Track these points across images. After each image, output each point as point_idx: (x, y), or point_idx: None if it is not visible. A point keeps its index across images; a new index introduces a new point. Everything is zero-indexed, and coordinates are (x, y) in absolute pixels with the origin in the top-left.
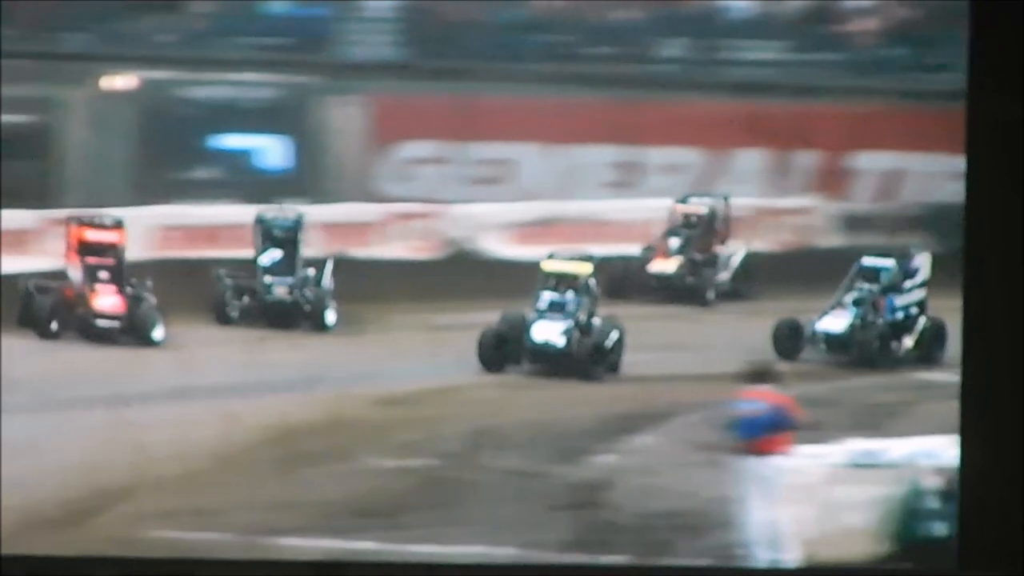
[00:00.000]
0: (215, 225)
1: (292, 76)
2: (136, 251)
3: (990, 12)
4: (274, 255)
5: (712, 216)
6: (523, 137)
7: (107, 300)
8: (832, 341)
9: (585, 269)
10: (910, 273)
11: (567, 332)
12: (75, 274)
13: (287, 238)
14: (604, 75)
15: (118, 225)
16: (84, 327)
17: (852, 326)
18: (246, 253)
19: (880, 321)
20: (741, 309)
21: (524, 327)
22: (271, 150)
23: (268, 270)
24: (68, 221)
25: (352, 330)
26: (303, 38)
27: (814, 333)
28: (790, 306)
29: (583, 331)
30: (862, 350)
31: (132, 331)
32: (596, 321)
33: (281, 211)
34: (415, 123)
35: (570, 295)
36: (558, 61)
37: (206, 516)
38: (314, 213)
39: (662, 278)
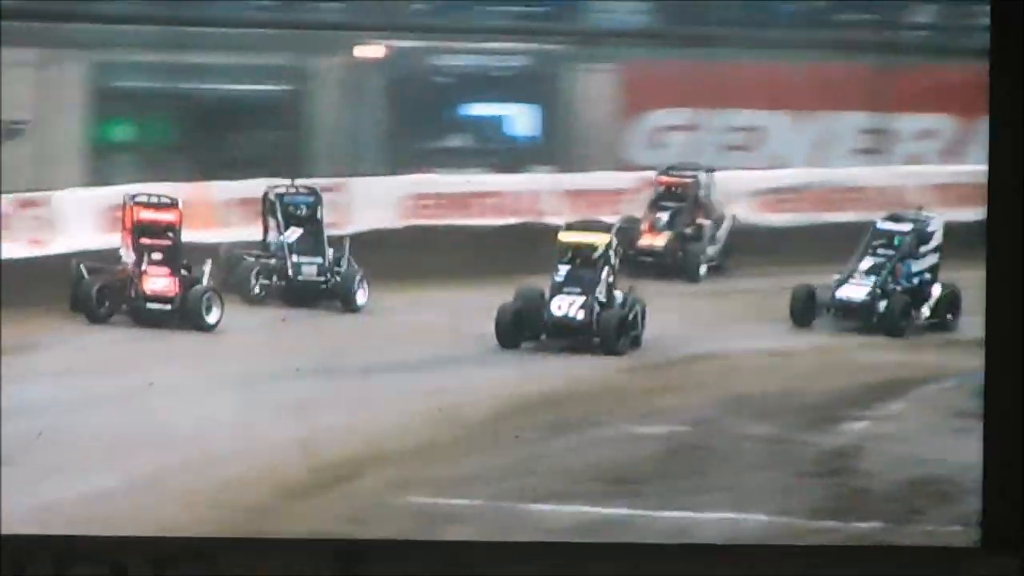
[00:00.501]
0: (466, 193)
1: (543, 44)
2: (389, 220)
3: None
4: (296, 233)
5: (697, 187)
6: (773, 104)
7: (158, 282)
8: (853, 309)
9: (603, 239)
10: (925, 238)
11: (586, 305)
12: (127, 255)
13: (307, 216)
14: (857, 41)
15: (174, 204)
16: (134, 310)
17: (872, 294)
18: (497, 222)
19: (898, 288)
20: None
21: (542, 302)
22: (521, 118)
23: (293, 250)
24: (125, 200)
25: None
26: (554, 5)
27: (833, 301)
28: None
29: (603, 304)
30: (884, 319)
31: (184, 315)
32: (617, 294)
33: (294, 187)
34: (665, 90)
35: (588, 267)
36: (809, 27)
37: (457, 483)
38: (564, 181)
39: (652, 253)
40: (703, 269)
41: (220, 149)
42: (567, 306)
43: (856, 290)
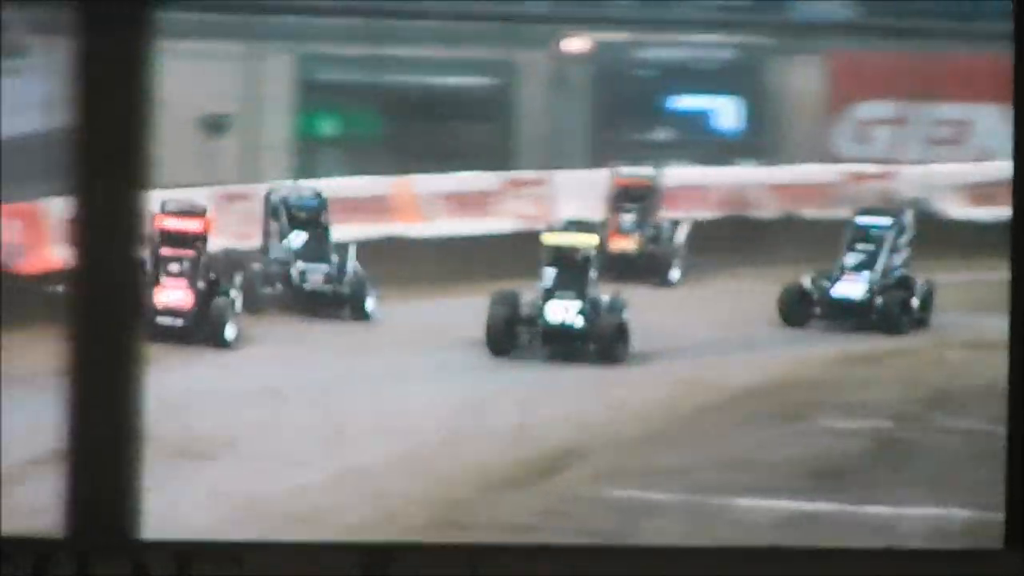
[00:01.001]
0: (670, 187)
1: (747, 37)
2: (592, 213)
3: None
4: (300, 238)
5: (656, 188)
6: (980, 97)
7: (172, 295)
8: (851, 307)
9: (589, 241)
10: (902, 231)
11: (583, 311)
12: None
13: (311, 219)
14: None
15: (201, 214)
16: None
17: (871, 291)
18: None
19: (891, 284)
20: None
21: (532, 307)
22: (726, 111)
23: (297, 256)
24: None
25: None
26: None
27: (830, 300)
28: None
29: (595, 310)
30: (884, 316)
31: (198, 329)
32: (604, 298)
33: (297, 189)
34: (871, 83)
35: (576, 270)
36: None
37: (658, 476)
38: (766, 174)
39: (625, 258)
40: (675, 272)
41: (425, 142)
42: (563, 312)
43: (853, 287)
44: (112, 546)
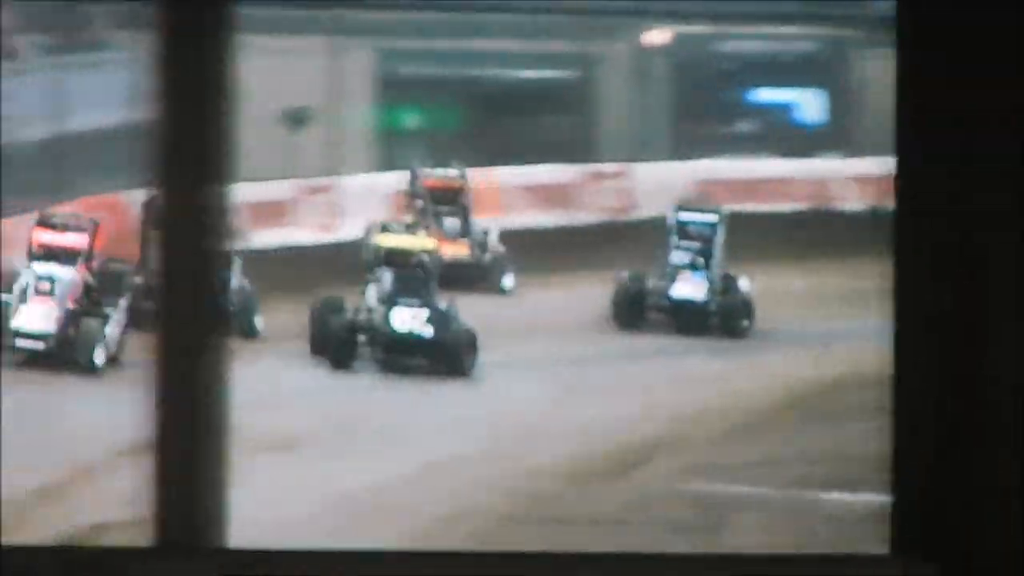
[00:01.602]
0: (753, 179)
1: (829, 29)
2: (672, 206)
3: None
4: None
5: (467, 189)
6: None
7: (33, 315)
8: (690, 309)
9: (427, 244)
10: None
11: (431, 319)
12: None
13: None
14: None
15: (86, 228)
16: (6, 348)
17: (712, 292)
18: (785, 208)
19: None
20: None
21: (377, 315)
22: (808, 104)
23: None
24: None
25: None
26: None
27: (669, 301)
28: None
29: (444, 319)
30: (727, 318)
31: (59, 352)
32: (442, 306)
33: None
34: None
35: (414, 275)
36: None
37: (744, 470)
38: (852, 167)
39: (459, 265)
40: (510, 279)
41: (506, 135)
42: (410, 320)
43: (694, 288)
44: (198, 553)
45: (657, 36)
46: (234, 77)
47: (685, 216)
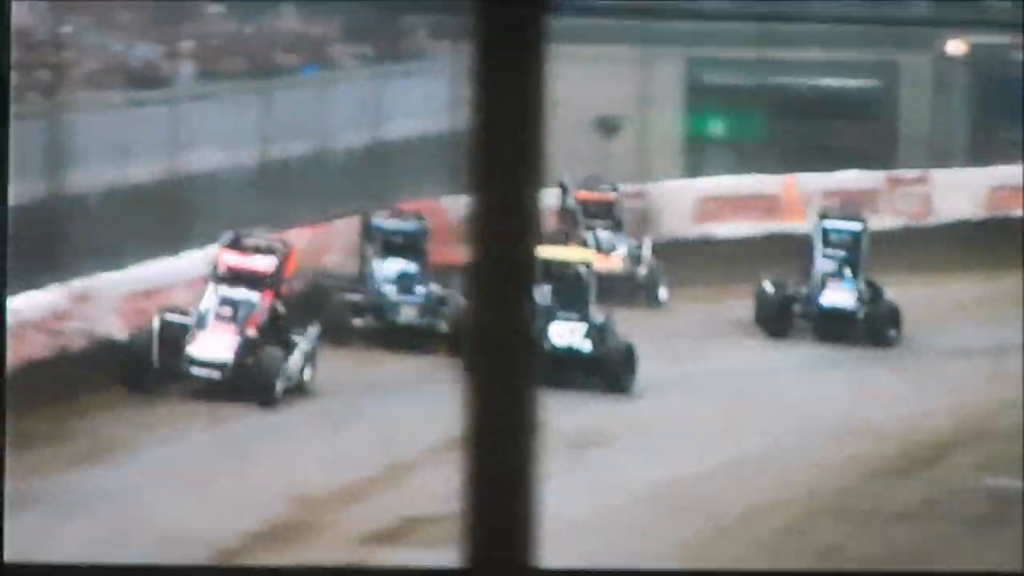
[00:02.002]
0: None
1: None
2: (972, 211)
3: None
4: (395, 266)
5: (620, 203)
6: None
7: (211, 342)
8: (841, 317)
9: (583, 255)
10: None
11: (589, 334)
12: (197, 307)
13: (409, 246)
14: None
15: (277, 252)
16: (175, 375)
17: (861, 300)
18: None
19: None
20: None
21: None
22: None
23: (393, 284)
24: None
25: None
26: None
27: (817, 308)
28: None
29: (601, 333)
30: (873, 326)
31: (238, 384)
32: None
33: (396, 214)
34: None
35: (572, 288)
36: None
37: None
38: None
39: (612, 279)
40: (664, 292)
41: (809, 142)
42: (568, 334)
43: (842, 296)
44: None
45: (956, 46)
46: (549, 85)
47: (829, 224)
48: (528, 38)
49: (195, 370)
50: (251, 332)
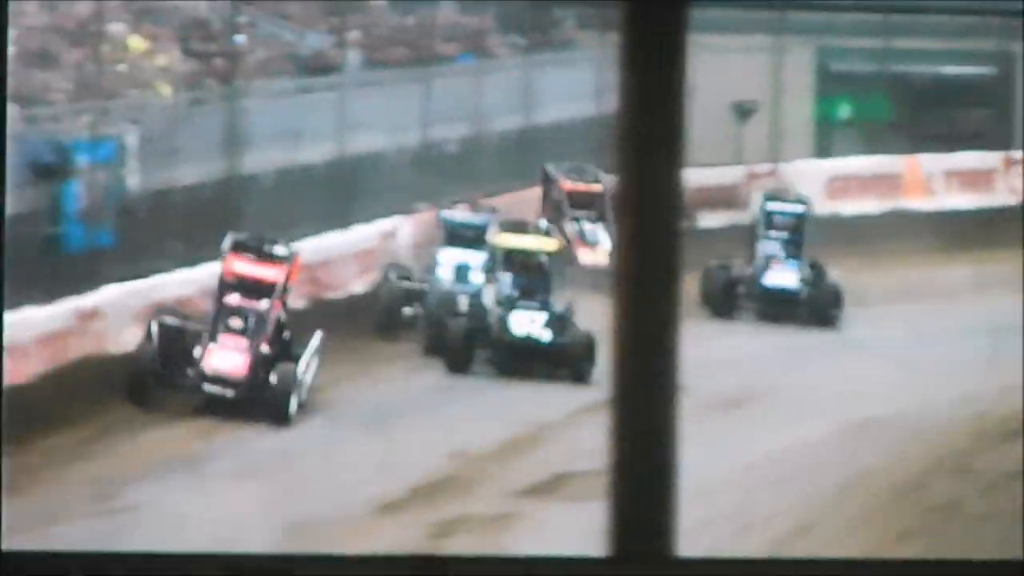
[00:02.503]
0: None
1: None
2: None
3: None
4: (457, 258)
5: (605, 196)
6: None
7: (225, 358)
8: (784, 298)
9: (550, 245)
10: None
11: (550, 324)
12: (206, 318)
13: (475, 238)
14: None
15: (284, 259)
16: (192, 390)
17: (804, 281)
18: None
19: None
20: None
21: (493, 318)
22: None
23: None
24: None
25: None
26: None
27: (762, 290)
28: None
29: (562, 323)
30: (817, 307)
31: (251, 401)
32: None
33: (468, 207)
34: None
35: (536, 277)
36: None
37: None
38: None
39: (598, 272)
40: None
41: (931, 126)
42: (529, 323)
43: (786, 276)
44: (653, 563)
45: None
46: (688, 73)
47: (773, 207)
48: (669, 29)
49: (207, 386)
50: (264, 347)
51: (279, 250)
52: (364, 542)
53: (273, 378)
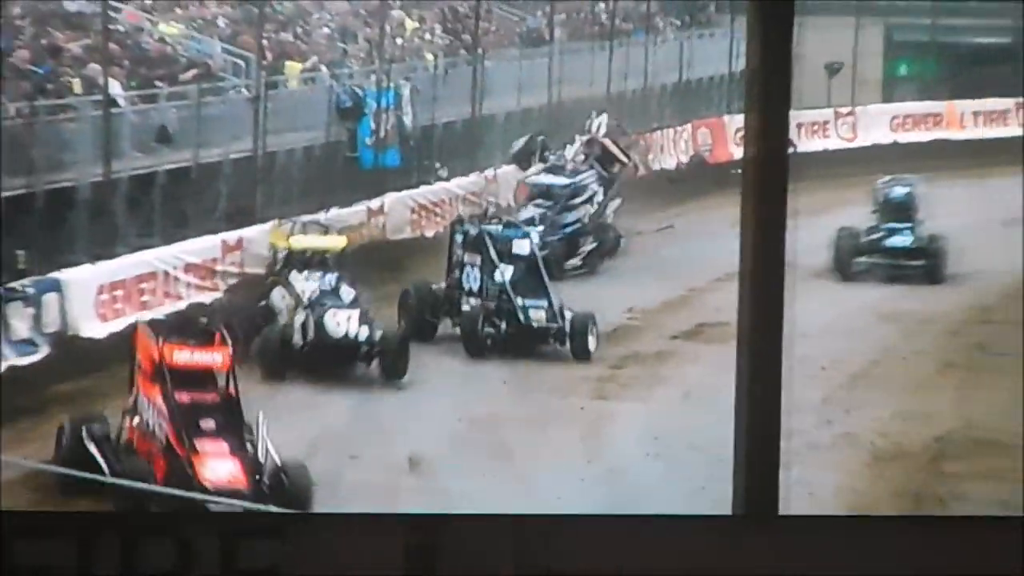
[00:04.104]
0: None
1: None
2: None
3: None
4: (507, 271)
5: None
6: None
7: (219, 467)
8: (901, 254)
9: (339, 243)
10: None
11: (366, 322)
12: (156, 417)
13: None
14: None
15: (217, 340)
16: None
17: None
18: None
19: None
20: None
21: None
22: None
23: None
24: (146, 330)
25: None
26: None
27: (884, 249)
28: None
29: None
30: (932, 265)
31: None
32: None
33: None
34: None
35: (329, 277)
36: None
37: None
38: None
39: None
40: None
41: (964, 79)
42: (345, 322)
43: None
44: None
45: None
46: (794, 41)
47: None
48: (781, 11)
49: (212, 507)
50: (249, 448)
51: (207, 328)
52: None
53: (284, 479)
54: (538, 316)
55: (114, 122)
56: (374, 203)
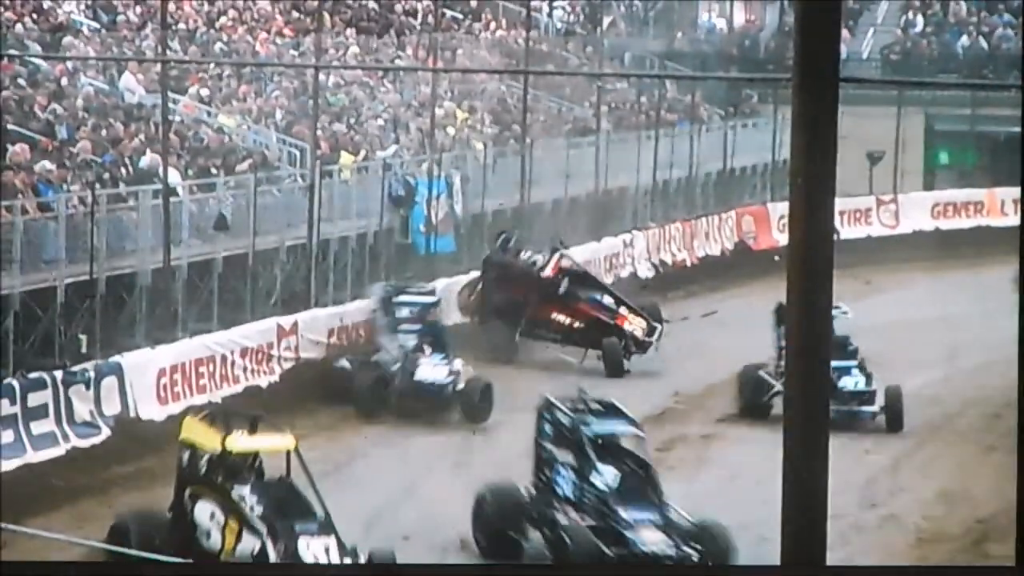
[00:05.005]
0: None
1: None
2: None
3: None
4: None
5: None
6: None
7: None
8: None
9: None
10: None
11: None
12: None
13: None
14: None
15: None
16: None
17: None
18: None
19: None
20: None
21: None
22: None
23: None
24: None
25: None
26: None
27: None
28: None
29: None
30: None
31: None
32: None
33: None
34: None
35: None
36: None
37: None
38: None
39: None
40: None
41: (1003, 168)
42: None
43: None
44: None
45: None
46: (837, 131)
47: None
48: (825, 101)
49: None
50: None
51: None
52: None
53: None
54: (653, 539)
55: (173, 210)
56: (431, 284)
